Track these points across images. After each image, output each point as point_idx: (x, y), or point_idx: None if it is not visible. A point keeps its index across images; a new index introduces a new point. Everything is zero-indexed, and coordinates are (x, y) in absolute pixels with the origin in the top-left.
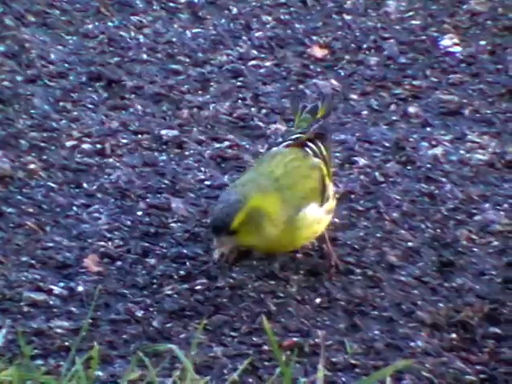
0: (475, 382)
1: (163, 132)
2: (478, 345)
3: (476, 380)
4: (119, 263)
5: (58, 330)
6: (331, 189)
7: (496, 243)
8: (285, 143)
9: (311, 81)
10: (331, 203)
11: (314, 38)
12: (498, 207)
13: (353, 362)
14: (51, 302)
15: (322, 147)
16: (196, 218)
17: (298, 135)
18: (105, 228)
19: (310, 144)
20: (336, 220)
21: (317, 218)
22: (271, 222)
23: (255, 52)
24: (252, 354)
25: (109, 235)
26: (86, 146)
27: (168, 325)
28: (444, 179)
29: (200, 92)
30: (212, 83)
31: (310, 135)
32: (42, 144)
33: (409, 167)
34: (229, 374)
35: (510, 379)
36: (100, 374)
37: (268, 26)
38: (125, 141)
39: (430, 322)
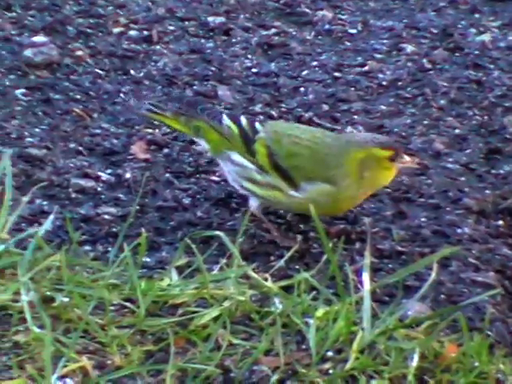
0: None
1: (210, 19)
2: None
3: None
4: (166, 150)
5: (106, 217)
6: None
7: None
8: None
9: None
10: None
11: None
12: None
13: (399, 249)
14: (99, 189)
15: None
16: (243, 105)
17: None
18: None
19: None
20: (383, 107)
21: None
22: None
23: None
24: (299, 241)
25: (156, 122)
26: (132, 33)
27: (215, 212)
28: (492, 66)
29: None
30: None
31: None
32: (89, 30)
33: (457, 54)
34: (275, 260)
35: None
36: (147, 260)
37: None
38: (171, 28)
39: (476, 208)
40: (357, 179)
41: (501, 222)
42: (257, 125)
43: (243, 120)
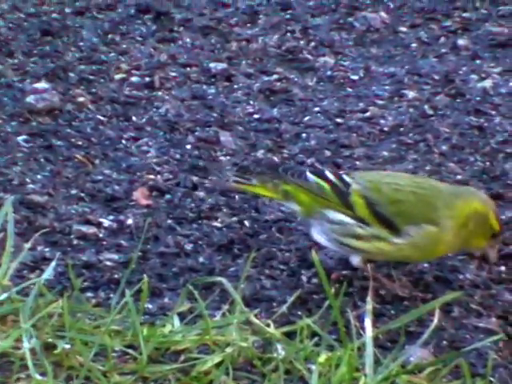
0: None
1: (212, 65)
2: None
3: None
4: (168, 196)
5: (108, 263)
6: None
7: None
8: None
9: (360, 13)
10: None
11: None
12: None
13: (401, 294)
14: (101, 235)
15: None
16: (245, 151)
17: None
18: (154, 161)
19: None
20: (385, 153)
21: None
22: None
23: None
24: (301, 286)
25: (158, 168)
26: (134, 79)
27: (217, 258)
28: (493, 112)
29: (248, 25)
30: (260, 16)
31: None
32: (91, 77)
33: (458, 100)
34: (278, 306)
35: None
36: (149, 306)
37: None
38: (173, 74)
39: (478, 254)
40: (459, 226)
41: (503, 268)
42: (345, 177)
43: (329, 174)
